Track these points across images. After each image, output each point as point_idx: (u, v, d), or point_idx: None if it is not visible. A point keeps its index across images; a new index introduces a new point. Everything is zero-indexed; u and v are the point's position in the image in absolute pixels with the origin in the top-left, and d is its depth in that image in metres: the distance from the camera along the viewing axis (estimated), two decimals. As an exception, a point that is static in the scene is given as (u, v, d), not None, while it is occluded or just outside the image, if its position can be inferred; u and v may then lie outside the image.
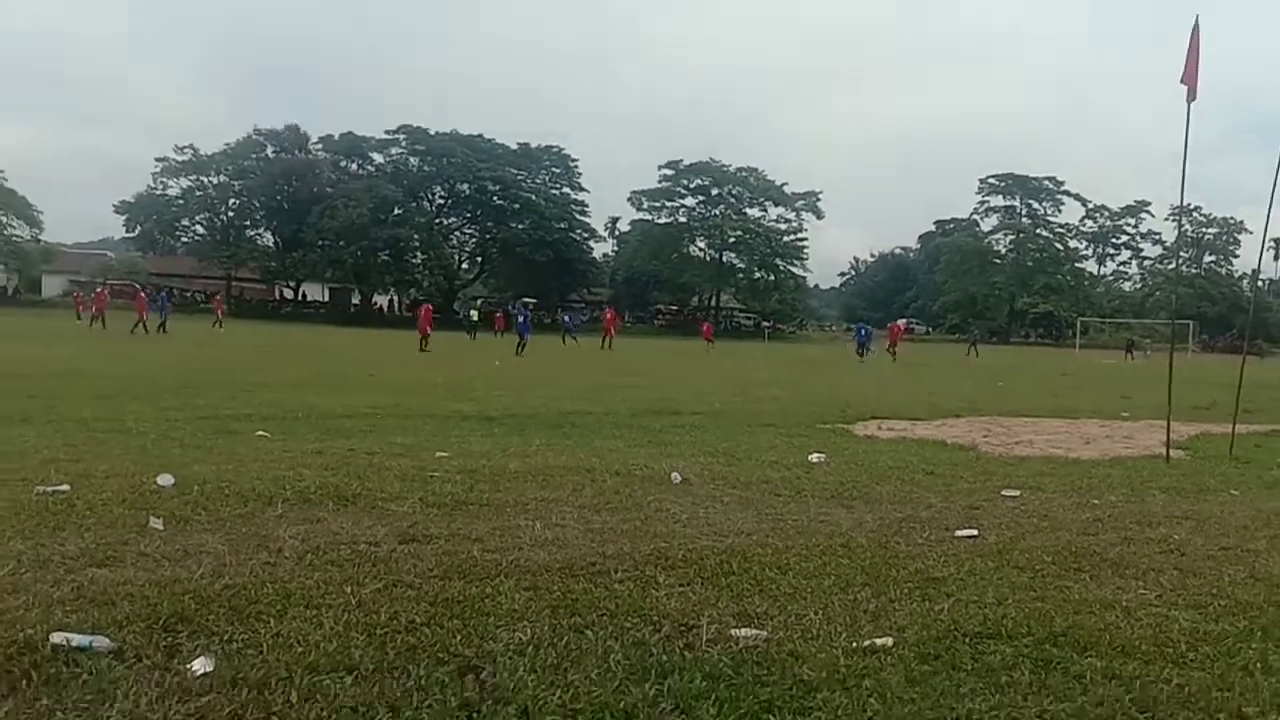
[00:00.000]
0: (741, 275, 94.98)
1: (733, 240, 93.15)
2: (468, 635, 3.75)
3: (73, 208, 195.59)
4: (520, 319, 39.66)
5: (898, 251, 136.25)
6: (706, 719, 3.03)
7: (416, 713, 3.00)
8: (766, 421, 13.14)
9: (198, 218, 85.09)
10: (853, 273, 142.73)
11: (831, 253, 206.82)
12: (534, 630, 3.83)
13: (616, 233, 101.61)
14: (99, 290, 51.33)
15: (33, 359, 20.75)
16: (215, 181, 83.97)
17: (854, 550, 5.38)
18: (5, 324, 39.16)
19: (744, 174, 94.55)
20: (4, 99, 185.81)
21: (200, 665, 3.28)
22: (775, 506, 6.83)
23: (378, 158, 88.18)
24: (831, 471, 8.57)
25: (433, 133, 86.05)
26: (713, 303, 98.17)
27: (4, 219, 79.83)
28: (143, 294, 47.25)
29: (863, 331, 47.21)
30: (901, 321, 49.36)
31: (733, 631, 3.88)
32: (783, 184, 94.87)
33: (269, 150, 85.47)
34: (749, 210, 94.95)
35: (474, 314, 60.02)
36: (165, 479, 6.53)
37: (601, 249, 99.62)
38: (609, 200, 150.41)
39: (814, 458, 9.27)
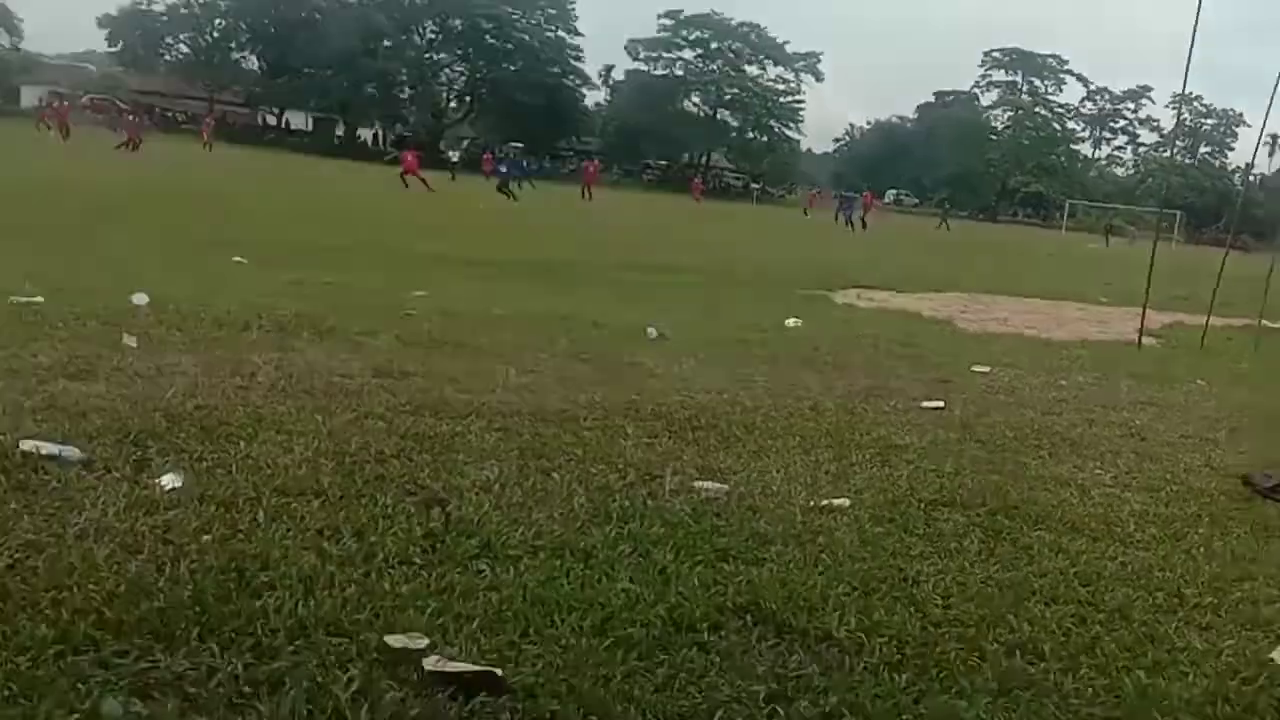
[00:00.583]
0: (735, 135, 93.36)
1: (728, 98, 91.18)
2: (436, 470, 3.80)
3: (54, 17, 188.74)
4: (503, 168, 39.18)
5: (895, 121, 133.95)
6: (663, 563, 3.10)
7: (381, 538, 3.05)
8: (746, 283, 13.15)
9: (182, 36, 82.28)
10: (848, 139, 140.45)
11: (828, 117, 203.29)
12: (501, 469, 3.88)
13: (610, 82, 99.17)
14: (60, 103, 49.80)
15: (11, 173, 20.34)
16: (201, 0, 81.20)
17: (820, 414, 5.44)
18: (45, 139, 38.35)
19: (745, 29, 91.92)
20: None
21: (169, 480, 3.32)
22: (748, 367, 6.88)
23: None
24: (806, 337, 8.62)
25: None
26: (704, 161, 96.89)
27: (-18, 24, 77.18)
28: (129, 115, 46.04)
29: (844, 200, 47.19)
30: (868, 193, 49.35)
31: (695, 483, 3.95)
32: (784, 42, 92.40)
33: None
34: (748, 67, 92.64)
35: (454, 154, 58.74)
36: (140, 297, 6.50)
37: (594, 98, 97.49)
38: (605, 48, 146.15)
39: (790, 322, 9.31)
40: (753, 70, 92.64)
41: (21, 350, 4.93)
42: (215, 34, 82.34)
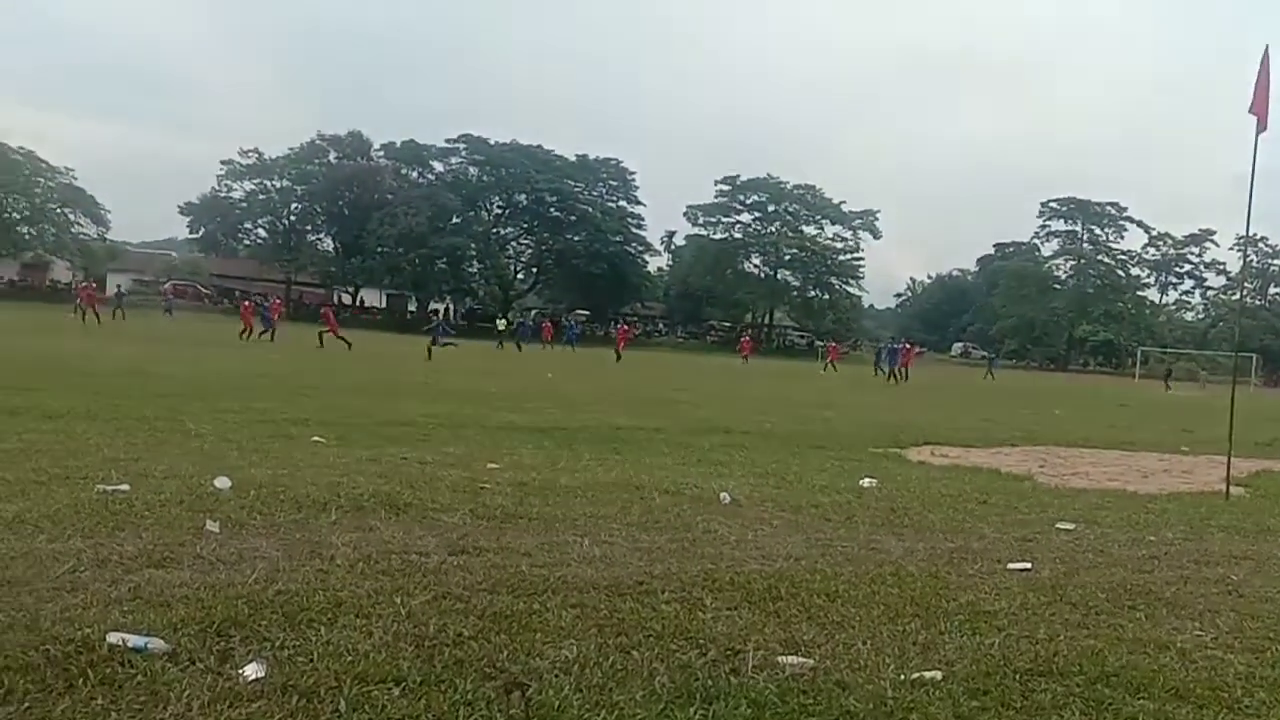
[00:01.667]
0: (796, 293, 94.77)
1: (788, 258, 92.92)
2: (514, 651, 3.77)
3: (139, 208, 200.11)
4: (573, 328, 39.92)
5: (955, 274, 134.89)
6: (752, 747, 3.01)
7: (462, 729, 3.02)
8: (817, 443, 13.07)
9: (260, 220, 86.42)
10: (909, 294, 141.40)
11: (888, 273, 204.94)
12: (580, 648, 3.83)
13: (672, 247, 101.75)
14: (85, 285, 51.76)
15: (98, 357, 21.25)
16: (278, 185, 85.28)
17: (904, 579, 5.32)
18: (74, 323, 40.12)
19: (801, 191, 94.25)
20: (76, 97, 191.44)
21: (252, 670, 3.33)
22: (825, 531, 6.78)
23: (438, 166, 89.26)
24: (883, 497, 8.50)
25: (492, 142, 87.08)
26: (766, 320, 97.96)
27: (72, 217, 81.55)
28: (247, 303, 47.83)
29: (884, 351, 46.35)
30: (906, 342, 48.56)
31: (779, 659, 3.86)
32: (840, 202, 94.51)
33: (332, 156, 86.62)
34: (805, 228, 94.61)
35: (500, 323, 59.23)
36: (222, 481, 6.65)
37: (656, 263, 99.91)
38: (665, 214, 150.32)
39: (865, 482, 9.19)
40: (810, 230, 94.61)
41: (108, 539, 5.05)
42: (291, 218, 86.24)
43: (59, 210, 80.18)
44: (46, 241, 79.45)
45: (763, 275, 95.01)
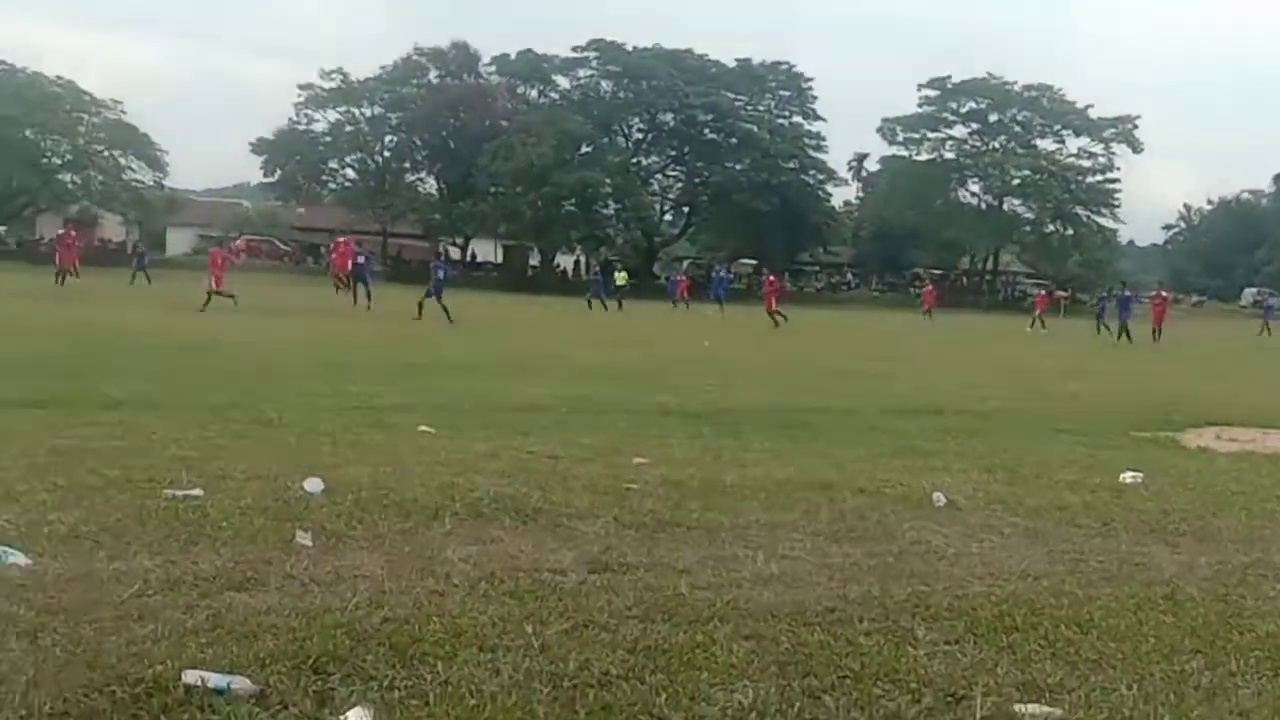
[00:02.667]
0: (1029, 229, 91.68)
1: (1017, 182, 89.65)
2: (674, 694, 3.82)
3: (202, 147, 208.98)
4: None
5: (1246, 197, 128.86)
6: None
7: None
8: (1061, 426, 12.76)
9: (348, 159, 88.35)
10: (1183, 225, 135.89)
11: (1154, 198, 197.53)
12: (757, 692, 3.86)
13: (863, 174, 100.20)
14: (65, 232, 52.49)
15: (159, 329, 22.32)
16: (369, 114, 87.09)
17: (1181, 604, 5.19)
18: (126, 287, 42.16)
19: (1033, 94, 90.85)
20: (119, 13, 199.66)
21: (355, 716, 3.46)
22: (1074, 542, 6.64)
23: (563, 81, 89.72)
24: (1151, 496, 8.25)
25: (630, 49, 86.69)
26: (989, 265, 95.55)
27: (122, 160, 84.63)
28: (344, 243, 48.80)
29: (1117, 301, 43.83)
30: (1160, 292, 45.52)
31: (1016, 707, 3.81)
32: (1086, 106, 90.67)
33: (432, 74, 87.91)
34: (1039, 142, 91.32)
35: (620, 276, 58.81)
36: (313, 484, 6.91)
37: (843, 195, 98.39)
38: (853, 131, 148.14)
39: (1127, 477, 8.94)
40: (1047, 145, 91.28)
41: (180, 556, 5.32)
42: (385, 153, 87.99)
43: (107, 153, 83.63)
44: (94, 191, 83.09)
45: (984, 206, 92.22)
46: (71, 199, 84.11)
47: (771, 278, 45.66)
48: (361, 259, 38.22)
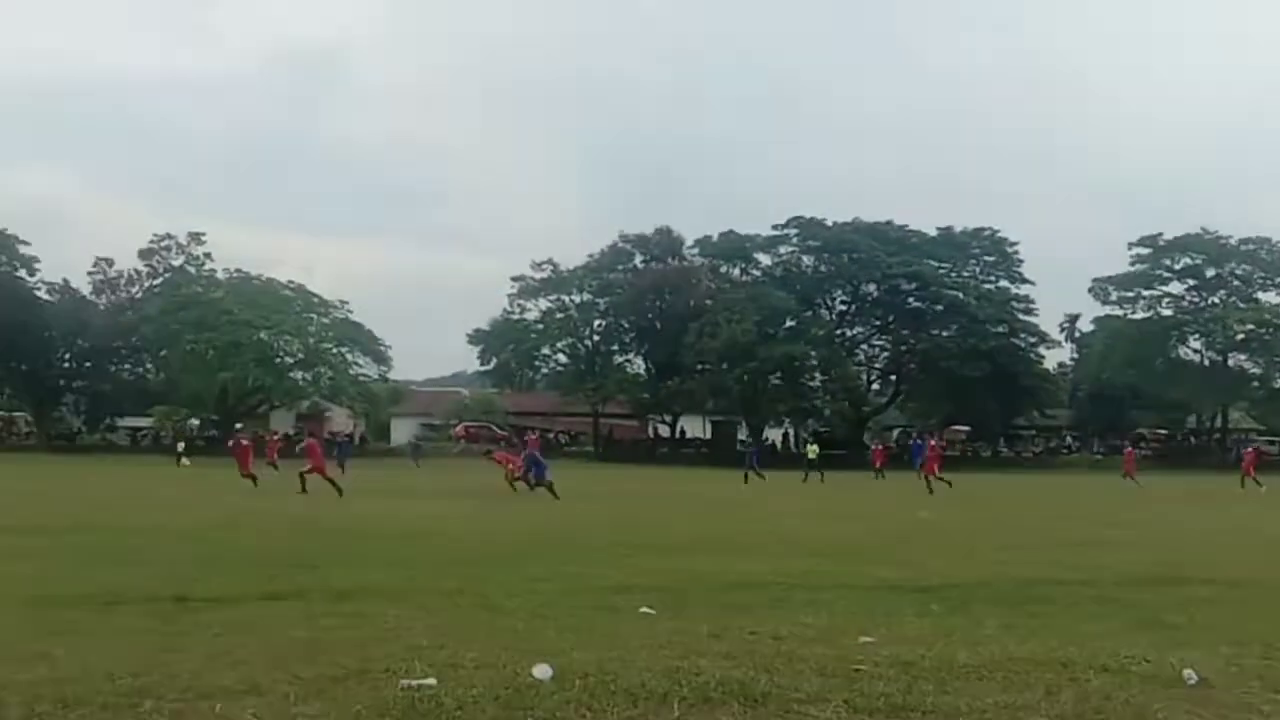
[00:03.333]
0: (1257, 384, 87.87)
1: (1241, 337, 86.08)
2: None
3: (422, 340, 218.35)
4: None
5: None
6: None
7: None
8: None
9: (558, 344, 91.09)
10: None
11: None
12: None
13: (1075, 335, 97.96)
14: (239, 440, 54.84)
15: (386, 517, 23.03)
16: (577, 300, 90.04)
17: None
18: (356, 476, 43.76)
19: (1250, 247, 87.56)
20: (345, 219, 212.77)
21: None
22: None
23: (764, 259, 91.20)
24: None
25: (829, 224, 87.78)
26: (1217, 423, 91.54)
27: (349, 356, 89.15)
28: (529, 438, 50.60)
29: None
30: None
31: None
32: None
33: (637, 259, 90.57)
34: (1261, 295, 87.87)
35: (810, 449, 58.03)
36: (542, 670, 6.93)
37: (1056, 357, 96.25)
38: (1062, 293, 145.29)
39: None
40: (1270, 298, 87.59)
41: (415, 751, 5.36)
42: (594, 337, 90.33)
43: (335, 350, 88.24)
44: (323, 387, 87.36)
45: (1207, 363, 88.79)
46: (302, 395, 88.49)
47: (934, 442, 44.85)
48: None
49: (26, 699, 6.20)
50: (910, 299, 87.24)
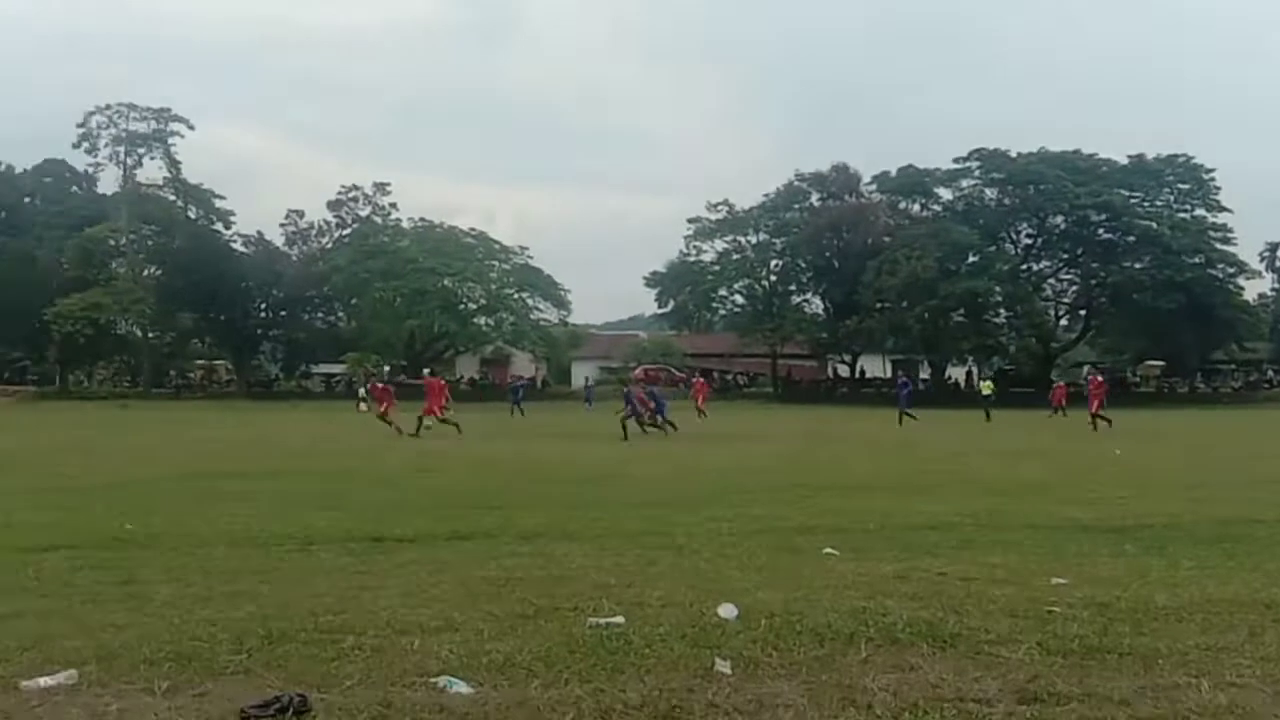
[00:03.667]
0: None
1: None
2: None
3: (600, 284, 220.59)
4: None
5: None
6: None
7: None
8: None
9: (735, 285, 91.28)
10: None
11: None
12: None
13: (1277, 265, 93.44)
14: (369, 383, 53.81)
15: (565, 460, 23.40)
16: (754, 241, 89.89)
17: None
18: (540, 420, 44.61)
19: None
20: (523, 168, 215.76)
21: None
22: None
23: (944, 194, 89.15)
24: None
25: (1014, 154, 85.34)
26: None
27: (530, 301, 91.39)
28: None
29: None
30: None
31: None
32: None
33: (814, 198, 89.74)
34: None
35: (984, 385, 56.10)
36: (727, 609, 6.99)
37: (1256, 288, 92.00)
38: (1262, 221, 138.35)
39: None
40: None
41: (608, 684, 5.47)
42: (771, 278, 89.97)
43: (516, 295, 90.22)
44: (505, 332, 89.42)
45: None
46: (486, 340, 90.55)
47: (1099, 378, 43.30)
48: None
49: (235, 635, 6.51)
50: (1100, 230, 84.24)
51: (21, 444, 30.43)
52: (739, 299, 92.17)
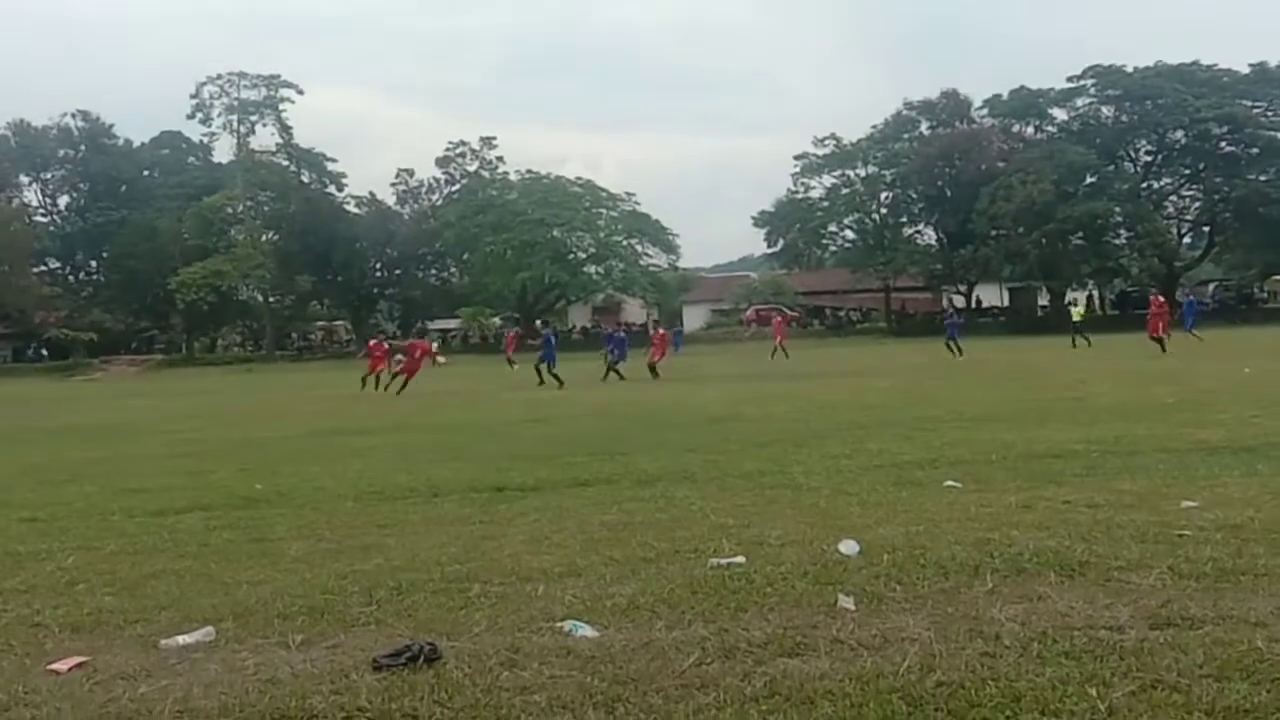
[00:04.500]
0: None
1: None
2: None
3: (709, 226, 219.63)
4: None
5: None
6: None
7: None
8: None
9: (846, 220, 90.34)
10: None
11: None
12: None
13: None
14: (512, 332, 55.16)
15: (679, 404, 23.46)
16: (863, 174, 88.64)
17: None
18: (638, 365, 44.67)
19: None
20: (626, 113, 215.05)
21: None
22: None
23: (1059, 114, 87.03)
24: None
25: (1130, 69, 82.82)
26: None
27: (639, 248, 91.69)
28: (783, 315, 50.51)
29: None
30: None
31: None
32: None
33: (923, 126, 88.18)
34: None
35: (1074, 311, 54.19)
36: (848, 546, 6.99)
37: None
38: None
39: None
40: None
41: (731, 623, 5.50)
42: (882, 211, 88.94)
43: (625, 242, 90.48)
44: (615, 279, 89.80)
45: None
46: (596, 288, 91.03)
47: (1161, 299, 41.85)
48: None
49: (365, 587, 6.68)
50: (1223, 143, 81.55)
51: (152, 410, 31.43)
52: (849, 234, 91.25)
